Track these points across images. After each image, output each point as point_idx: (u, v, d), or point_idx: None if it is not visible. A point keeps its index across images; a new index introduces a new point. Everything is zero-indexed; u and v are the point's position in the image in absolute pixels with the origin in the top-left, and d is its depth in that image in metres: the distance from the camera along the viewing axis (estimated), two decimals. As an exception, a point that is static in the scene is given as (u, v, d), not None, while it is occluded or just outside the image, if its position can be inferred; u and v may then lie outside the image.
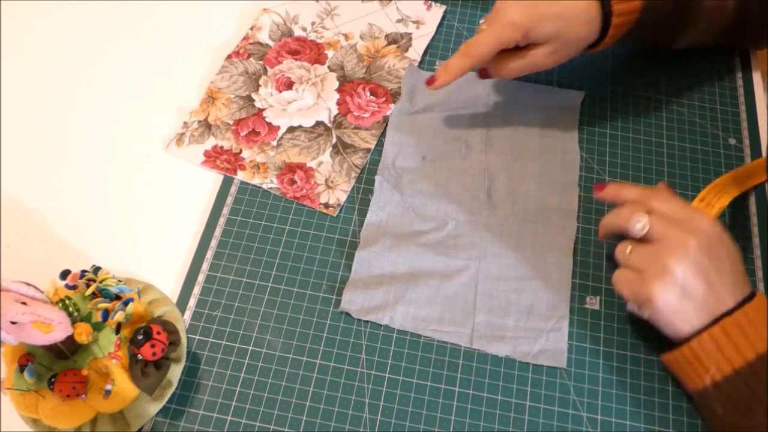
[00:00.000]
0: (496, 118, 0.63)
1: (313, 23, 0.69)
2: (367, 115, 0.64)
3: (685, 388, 0.50)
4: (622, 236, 0.51)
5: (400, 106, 0.64)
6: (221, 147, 0.61)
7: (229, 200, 0.59)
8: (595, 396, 0.51)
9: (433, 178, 0.60)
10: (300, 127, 0.63)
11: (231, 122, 0.63)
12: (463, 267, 0.55)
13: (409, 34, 0.69)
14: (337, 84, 0.66)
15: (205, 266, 0.56)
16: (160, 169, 0.62)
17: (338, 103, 0.64)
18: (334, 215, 0.58)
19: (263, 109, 0.64)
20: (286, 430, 0.50)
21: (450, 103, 0.64)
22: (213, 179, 0.61)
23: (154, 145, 0.63)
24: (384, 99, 0.65)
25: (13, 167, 0.62)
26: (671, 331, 0.48)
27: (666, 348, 0.50)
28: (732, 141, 0.63)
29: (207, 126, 0.63)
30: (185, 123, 0.63)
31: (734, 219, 0.59)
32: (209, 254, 0.57)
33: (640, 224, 0.48)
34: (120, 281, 0.49)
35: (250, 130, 0.62)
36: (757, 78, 0.67)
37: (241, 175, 0.60)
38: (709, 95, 0.66)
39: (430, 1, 0.71)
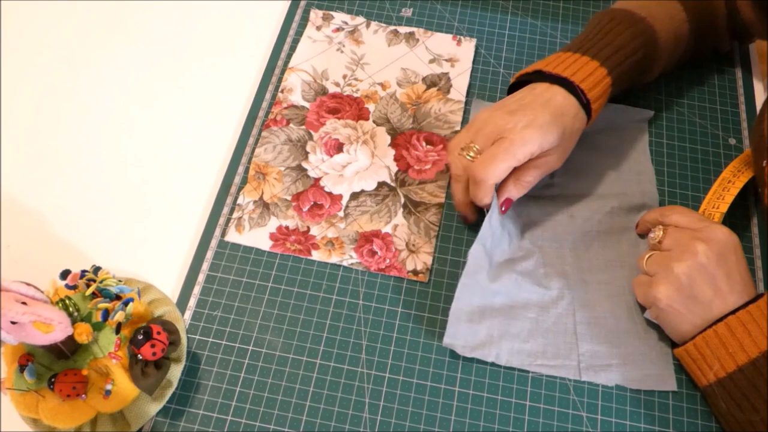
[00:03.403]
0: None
1: (344, 76, 0.66)
2: (428, 166, 0.61)
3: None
4: None
5: None
6: (286, 227, 0.58)
7: (229, 200, 0.59)
8: (595, 396, 0.51)
9: (514, 205, 0.57)
10: (363, 191, 0.59)
11: (289, 198, 0.59)
12: (557, 296, 0.54)
13: (446, 73, 0.66)
14: (389, 139, 0.62)
15: (205, 266, 0.56)
16: (160, 169, 0.62)
17: (395, 159, 0.61)
18: (426, 281, 0.56)
19: (319, 178, 0.60)
20: (286, 430, 0.50)
21: None
22: (212, 179, 0.61)
23: (154, 145, 0.63)
24: (441, 146, 0.62)
25: (14, 167, 0.62)
26: (675, 332, 0.50)
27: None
28: (732, 141, 0.63)
29: (264, 206, 0.59)
30: (239, 205, 0.58)
31: (734, 219, 0.59)
32: (209, 254, 0.57)
33: (654, 233, 0.52)
34: (120, 281, 0.49)
35: (312, 203, 0.59)
36: (757, 78, 0.68)
37: (316, 255, 0.56)
38: (709, 95, 0.66)
39: (459, 36, 0.69)
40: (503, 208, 0.54)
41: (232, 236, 0.57)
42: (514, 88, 0.58)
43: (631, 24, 0.57)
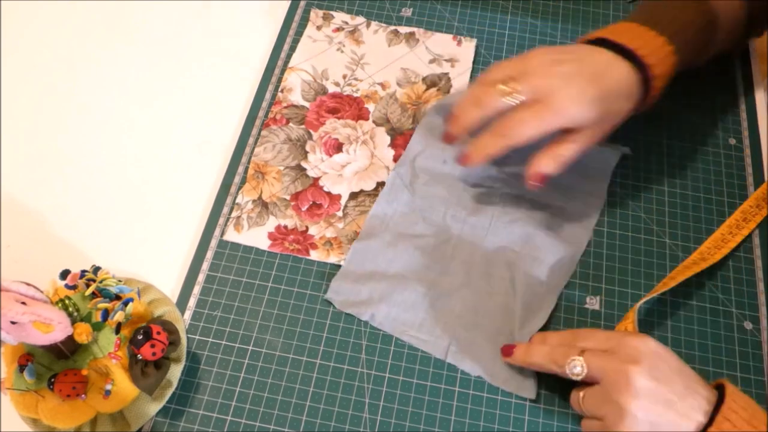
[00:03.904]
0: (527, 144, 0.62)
1: (344, 76, 0.66)
2: None
3: None
4: None
5: (434, 116, 0.62)
6: (285, 226, 0.57)
7: (229, 200, 0.59)
8: (595, 396, 0.51)
9: (448, 186, 0.59)
10: (362, 191, 0.59)
11: (288, 197, 0.59)
12: (454, 279, 0.55)
13: (446, 74, 0.66)
14: (388, 139, 0.62)
15: (205, 266, 0.56)
16: (159, 169, 0.62)
17: (395, 160, 0.61)
18: None
19: (318, 178, 0.60)
20: (286, 430, 0.50)
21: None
22: (212, 179, 0.61)
23: (154, 145, 0.63)
24: None
25: (14, 167, 0.62)
26: None
27: None
28: (732, 141, 0.63)
29: (263, 205, 0.58)
30: (238, 204, 0.58)
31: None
32: (209, 254, 0.57)
33: (577, 368, 0.46)
34: (120, 281, 0.49)
35: (311, 203, 0.59)
36: (757, 78, 0.67)
37: (315, 255, 0.56)
38: (709, 95, 0.66)
39: (459, 36, 0.69)
40: (538, 183, 0.52)
41: (231, 235, 0.57)
42: None
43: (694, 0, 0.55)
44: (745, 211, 0.58)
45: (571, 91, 0.49)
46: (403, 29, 0.70)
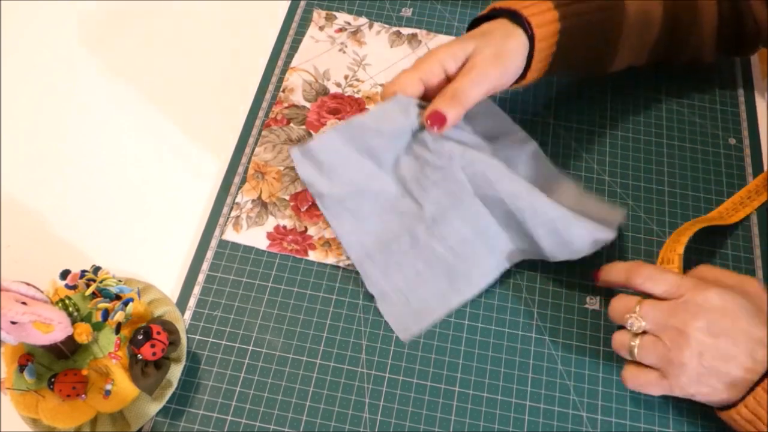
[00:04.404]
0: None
1: (346, 77, 0.66)
2: None
3: None
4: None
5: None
6: (284, 227, 0.57)
7: (229, 200, 0.59)
8: (595, 396, 0.51)
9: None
10: None
11: (287, 197, 0.59)
12: (415, 209, 0.55)
13: None
14: None
15: (205, 266, 0.56)
16: (160, 169, 0.62)
17: None
18: None
19: None
20: (286, 430, 0.50)
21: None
22: (212, 179, 0.61)
23: (154, 145, 0.63)
24: None
25: (14, 167, 0.62)
26: (719, 401, 0.46)
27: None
28: (732, 141, 0.63)
29: (263, 205, 0.58)
30: (237, 204, 0.58)
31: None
32: (209, 254, 0.57)
33: (634, 326, 0.47)
34: (120, 281, 0.49)
35: (310, 203, 0.58)
36: (757, 78, 0.68)
37: (313, 256, 0.56)
38: (709, 95, 0.66)
39: None
40: (436, 128, 0.52)
41: (230, 235, 0.57)
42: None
43: None
44: (749, 190, 0.59)
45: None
46: (406, 30, 0.70)
